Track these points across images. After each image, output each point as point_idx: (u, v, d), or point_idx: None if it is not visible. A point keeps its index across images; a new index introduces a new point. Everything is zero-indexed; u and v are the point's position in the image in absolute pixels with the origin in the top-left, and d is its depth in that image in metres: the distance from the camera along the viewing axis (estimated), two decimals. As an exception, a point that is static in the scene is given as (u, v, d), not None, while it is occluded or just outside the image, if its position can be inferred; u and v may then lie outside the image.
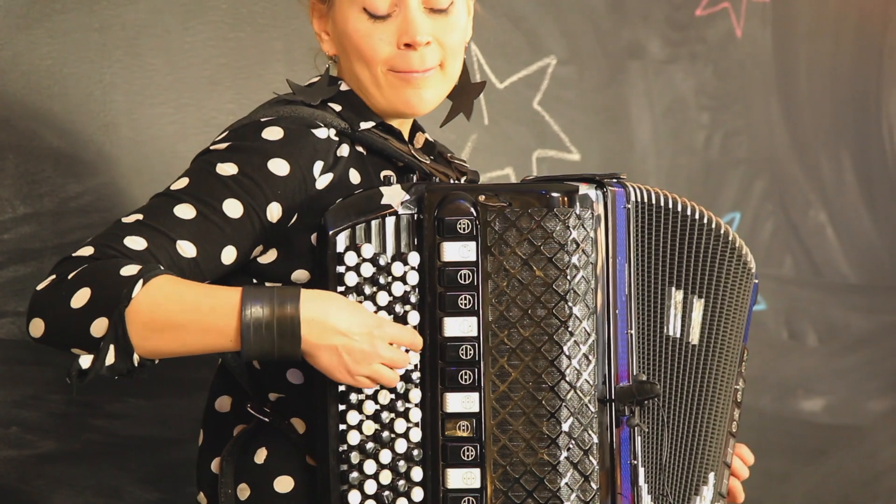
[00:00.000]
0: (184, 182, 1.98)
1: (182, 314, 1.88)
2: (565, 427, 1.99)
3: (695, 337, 2.16)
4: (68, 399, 2.51)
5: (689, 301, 2.15)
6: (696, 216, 2.17)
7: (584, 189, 2.01)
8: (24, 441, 2.46)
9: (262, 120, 2.02)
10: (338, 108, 2.09)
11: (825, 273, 4.08)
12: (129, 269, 1.87)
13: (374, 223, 1.98)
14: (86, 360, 1.87)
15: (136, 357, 1.88)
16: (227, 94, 2.72)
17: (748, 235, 3.90)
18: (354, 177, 2.05)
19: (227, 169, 1.97)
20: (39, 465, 2.48)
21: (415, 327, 1.98)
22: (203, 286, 1.93)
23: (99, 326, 1.86)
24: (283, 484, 2.02)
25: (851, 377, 4.13)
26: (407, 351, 1.97)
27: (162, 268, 1.90)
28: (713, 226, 2.19)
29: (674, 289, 2.13)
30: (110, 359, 1.87)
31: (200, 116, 2.68)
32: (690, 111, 3.77)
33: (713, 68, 3.82)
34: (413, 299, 1.99)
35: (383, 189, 2.00)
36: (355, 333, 1.91)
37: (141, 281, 1.86)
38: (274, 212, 1.98)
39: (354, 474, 1.97)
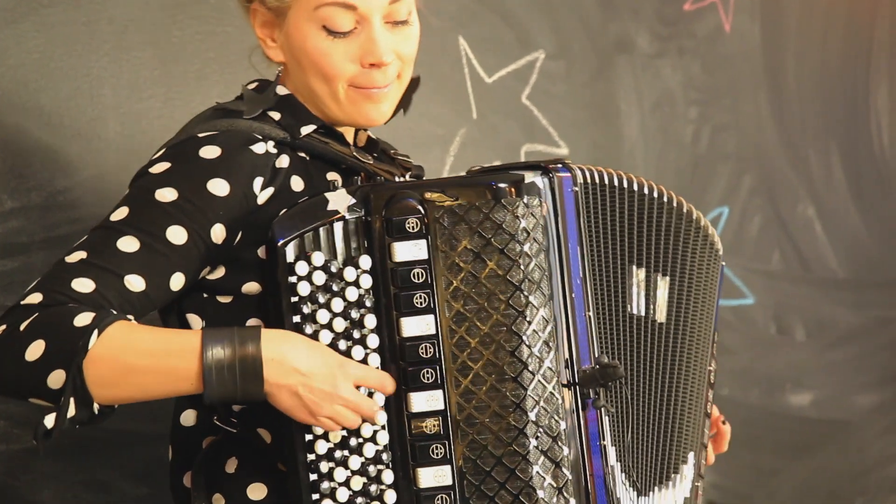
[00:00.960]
0: (123, 212, 1.95)
1: (141, 361, 1.87)
2: (532, 416, 1.99)
3: (661, 315, 2.16)
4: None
5: (652, 279, 2.15)
6: (655, 194, 2.15)
7: (529, 177, 2.01)
8: (12, 436, 2.45)
9: (200, 136, 2.00)
10: (277, 115, 2.07)
11: (813, 268, 4.08)
12: (83, 319, 1.85)
13: (321, 230, 1.97)
14: (49, 420, 1.86)
15: (95, 406, 1.88)
16: (216, 89, 2.71)
17: (736, 230, 3.91)
18: (297, 184, 2.03)
19: (166, 195, 1.95)
20: (28, 459, 2.47)
21: (372, 330, 1.97)
22: (160, 330, 1.91)
23: (56, 379, 1.85)
24: (257, 491, 2.01)
25: (840, 372, 4.14)
26: (371, 395, 1.96)
27: (115, 312, 1.88)
28: (674, 204, 2.18)
29: (634, 267, 2.13)
30: (71, 412, 1.86)
31: (188, 111, 2.67)
32: (679, 106, 3.77)
33: (701, 63, 3.83)
34: (368, 303, 1.98)
35: (328, 195, 1.99)
36: (316, 374, 1.90)
37: (96, 331, 1.85)
38: (218, 233, 1.96)
39: (325, 483, 1.96)
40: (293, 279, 1.95)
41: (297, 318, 1.95)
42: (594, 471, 2.04)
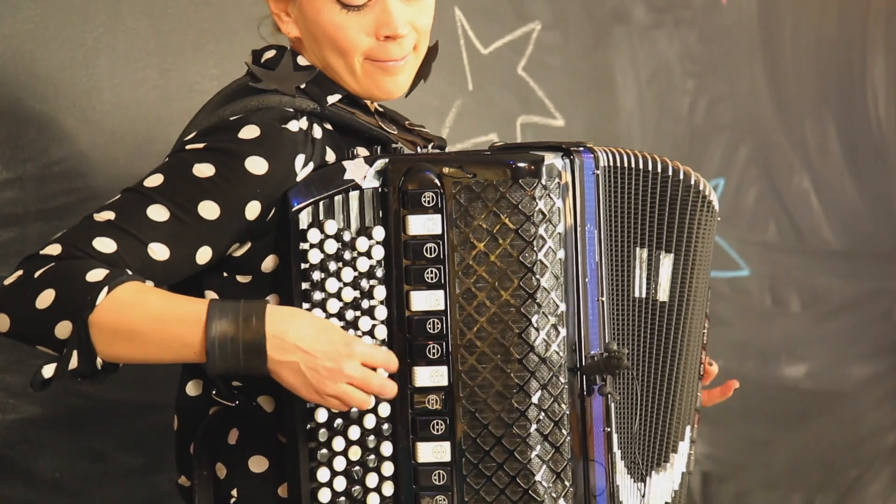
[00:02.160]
0: (158, 180, 1.94)
1: (146, 324, 1.86)
2: (535, 399, 1.98)
3: (664, 294, 2.15)
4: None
5: (654, 258, 2.13)
6: (670, 172, 2.14)
7: (550, 158, 1.99)
8: (7, 406, 2.46)
9: (233, 119, 1.98)
10: (302, 84, 2.06)
11: (809, 239, 4.09)
12: (95, 275, 1.85)
13: (337, 199, 1.96)
14: (48, 370, 1.87)
15: (99, 361, 1.87)
16: (211, 59, 2.71)
17: (732, 202, 3.91)
18: (330, 156, 2.03)
19: (203, 170, 1.94)
20: (23, 429, 2.48)
21: (381, 302, 1.97)
22: (170, 296, 1.90)
23: (63, 329, 1.85)
24: (258, 464, 2.01)
25: (834, 343, 4.15)
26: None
27: (129, 273, 1.88)
28: (681, 177, 2.16)
29: (638, 248, 2.11)
30: (73, 363, 1.86)
31: (184, 81, 2.67)
32: (675, 77, 3.77)
33: (698, 34, 3.82)
34: (379, 274, 1.97)
35: (346, 163, 1.98)
36: (319, 351, 1.88)
37: (106, 288, 1.84)
38: (253, 210, 1.95)
39: (323, 451, 1.96)
40: (305, 246, 1.95)
41: (305, 286, 1.95)
42: (595, 457, 2.02)
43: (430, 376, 1.97)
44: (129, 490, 2.62)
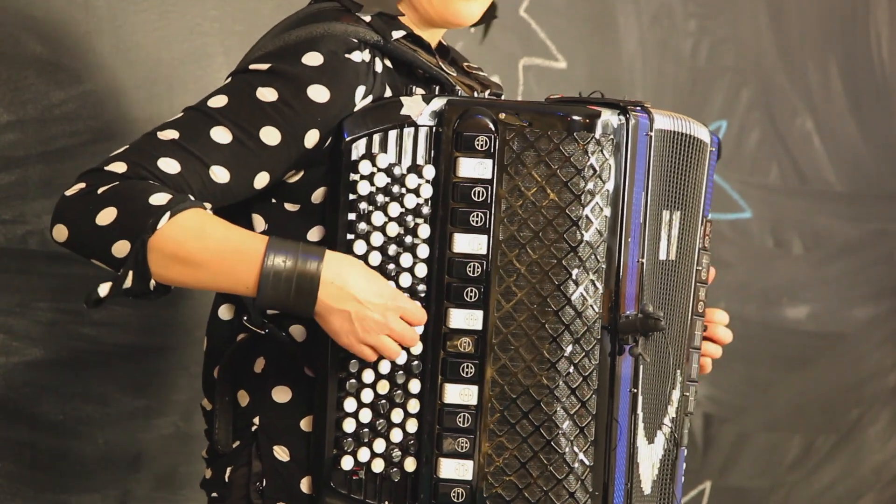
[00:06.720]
0: (222, 101, 1.97)
1: (204, 254, 1.90)
2: (566, 352, 1.98)
3: (673, 253, 2.15)
4: (55, 307, 2.52)
5: (671, 218, 2.14)
6: (701, 135, 2.14)
7: (606, 114, 1.99)
8: (11, 348, 2.47)
9: (298, 43, 2.00)
10: (367, 18, 2.06)
11: (811, 181, 4.08)
12: (159, 198, 1.88)
13: (391, 133, 1.98)
14: (104, 289, 1.90)
15: (152, 283, 1.91)
16: (212, 1, 2.70)
17: (734, 144, 3.90)
18: (388, 93, 2.04)
19: (266, 94, 1.96)
20: (27, 372, 2.49)
21: (424, 241, 1.98)
22: (230, 227, 1.93)
23: (120, 248, 1.89)
24: (281, 394, 2.03)
25: (836, 285, 4.15)
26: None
27: (192, 198, 1.91)
28: (700, 136, 2.16)
29: (664, 210, 2.11)
30: (128, 283, 1.90)
31: (184, 24, 2.66)
32: (677, 18, 3.75)
33: (701, -25, 3.80)
34: (425, 212, 1.98)
35: (403, 99, 1.99)
36: (370, 303, 1.91)
37: (168, 214, 1.87)
38: (312, 138, 1.98)
39: (352, 381, 1.98)
40: (355, 177, 1.96)
41: (352, 216, 1.97)
42: (619, 417, 2.03)
43: (464, 319, 1.98)
44: (132, 433, 2.63)
